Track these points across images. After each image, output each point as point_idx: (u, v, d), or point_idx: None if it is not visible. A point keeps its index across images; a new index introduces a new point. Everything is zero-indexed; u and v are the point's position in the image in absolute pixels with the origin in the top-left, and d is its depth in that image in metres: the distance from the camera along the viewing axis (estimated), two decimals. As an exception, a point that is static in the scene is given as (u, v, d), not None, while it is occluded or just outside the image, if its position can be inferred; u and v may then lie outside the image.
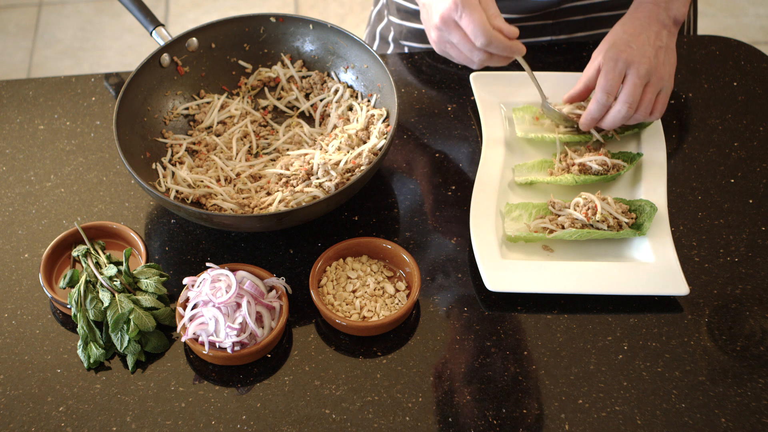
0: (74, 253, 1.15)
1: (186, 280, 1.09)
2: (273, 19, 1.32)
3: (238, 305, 1.07)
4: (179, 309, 1.08)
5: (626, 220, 1.15)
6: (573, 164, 1.22)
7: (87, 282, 1.09)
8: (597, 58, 1.21)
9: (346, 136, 1.22)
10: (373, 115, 1.25)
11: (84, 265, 1.13)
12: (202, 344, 1.05)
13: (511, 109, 1.31)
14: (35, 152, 1.31)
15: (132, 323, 1.06)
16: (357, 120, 1.25)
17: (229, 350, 1.05)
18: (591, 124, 1.22)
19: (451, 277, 1.15)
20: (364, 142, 1.22)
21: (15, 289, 1.16)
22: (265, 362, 1.08)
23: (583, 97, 1.25)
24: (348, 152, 1.20)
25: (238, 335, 1.05)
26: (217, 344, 1.05)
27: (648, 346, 1.08)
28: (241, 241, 1.19)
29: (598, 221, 1.14)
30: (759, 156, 1.28)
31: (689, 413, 1.03)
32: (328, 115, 1.29)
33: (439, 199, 1.24)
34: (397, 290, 1.12)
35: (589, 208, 1.15)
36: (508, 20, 1.43)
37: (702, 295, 1.13)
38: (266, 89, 1.34)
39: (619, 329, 1.10)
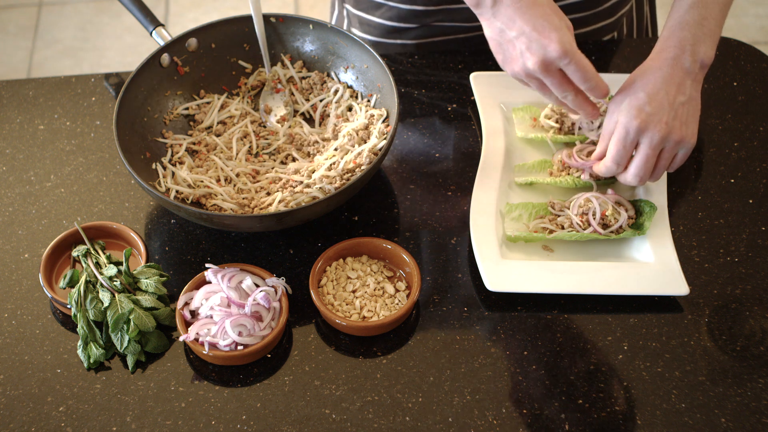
0: (74, 253, 1.15)
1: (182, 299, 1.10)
2: (273, 19, 1.32)
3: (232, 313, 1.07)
4: (183, 313, 1.08)
5: (623, 223, 1.15)
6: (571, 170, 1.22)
7: (87, 282, 1.09)
8: (613, 114, 1.13)
9: (347, 138, 1.22)
10: (372, 116, 1.25)
11: (84, 265, 1.13)
12: (202, 344, 1.06)
13: (511, 109, 1.31)
14: (35, 152, 1.31)
15: (132, 323, 1.06)
16: (356, 120, 1.25)
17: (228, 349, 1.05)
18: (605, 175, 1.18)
19: (451, 277, 1.15)
20: (365, 142, 1.22)
21: (15, 289, 1.16)
22: (265, 362, 1.08)
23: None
24: (348, 152, 1.20)
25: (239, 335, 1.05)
26: (217, 344, 1.05)
27: (648, 346, 1.08)
28: (241, 241, 1.19)
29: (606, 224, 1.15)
30: (759, 156, 1.28)
31: (689, 413, 1.03)
32: (328, 116, 1.29)
33: (439, 199, 1.24)
34: (397, 290, 1.12)
35: (585, 213, 1.15)
36: (472, 28, 1.43)
37: (702, 295, 1.13)
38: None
39: (619, 329, 1.10)
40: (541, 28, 1.05)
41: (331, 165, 1.18)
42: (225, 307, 1.07)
